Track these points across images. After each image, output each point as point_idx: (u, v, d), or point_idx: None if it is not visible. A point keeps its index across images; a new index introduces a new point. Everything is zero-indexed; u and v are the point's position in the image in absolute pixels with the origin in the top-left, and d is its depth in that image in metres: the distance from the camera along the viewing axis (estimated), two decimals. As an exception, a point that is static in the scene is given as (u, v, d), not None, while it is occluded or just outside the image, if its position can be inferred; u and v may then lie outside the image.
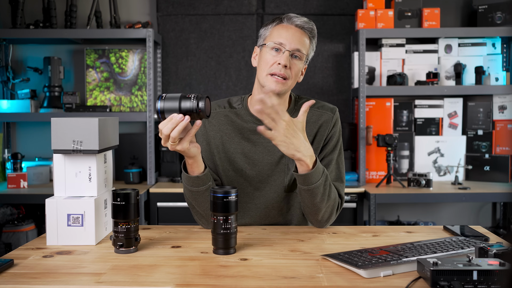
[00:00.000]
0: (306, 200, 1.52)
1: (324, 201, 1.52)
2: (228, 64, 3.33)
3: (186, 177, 1.49)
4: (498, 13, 3.05)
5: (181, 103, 1.34)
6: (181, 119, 1.33)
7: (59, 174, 1.43)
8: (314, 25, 1.60)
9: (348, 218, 2.84)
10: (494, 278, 1.02)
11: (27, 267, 1.21)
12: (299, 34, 1.56)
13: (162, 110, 1.35)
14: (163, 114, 1.36)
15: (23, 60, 3.32)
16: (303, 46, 1.56)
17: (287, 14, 1.60)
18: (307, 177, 1.46)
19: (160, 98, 1.36)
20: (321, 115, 1.64)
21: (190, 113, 1.34)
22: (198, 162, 1.46)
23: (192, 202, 1.54)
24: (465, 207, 3.36)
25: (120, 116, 2.97)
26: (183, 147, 1.38)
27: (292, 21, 1.56)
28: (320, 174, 1.48)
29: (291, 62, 1.54)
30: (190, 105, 1.34)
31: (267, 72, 1.55)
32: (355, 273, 1.14)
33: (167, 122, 1.34)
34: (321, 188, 1.48)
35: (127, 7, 3.33)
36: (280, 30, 1.56)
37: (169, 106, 1.35)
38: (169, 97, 1.36)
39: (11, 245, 2.88)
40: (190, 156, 1.43)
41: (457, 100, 3.20)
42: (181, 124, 1.33)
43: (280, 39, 1.54)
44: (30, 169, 3.02)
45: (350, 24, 3.32)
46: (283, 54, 1.53)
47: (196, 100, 1.34)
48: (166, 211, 2.84)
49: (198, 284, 1.10)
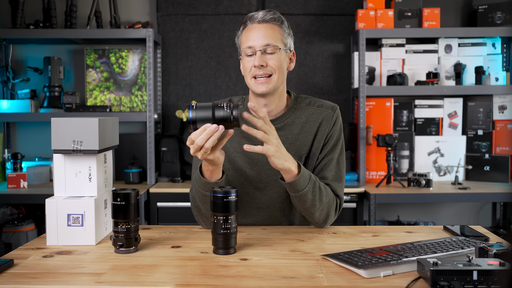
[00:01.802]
0: (298, 205, 1.53)
1: (316, 206, 1.51)
2: (228, 64, 3.33)
3: (204, 183, 1.45)
4: (498, 13, 3.05)
5: (214, 113, 1.31)
6: (216, 129, 1.30)
7: (59, 174, 1.43)
8: (276, 12, 1.58)
9: (348, 218, 2.84)
10: (494, 278, 1.02)
11: (27, 267, 1.21)
12: (263, 28, 1.54)
13: (194, 120, 1.32)
14: (195, 125, 1.32)
15: (23, 60, 3.32)
16: (271, 38, 1.54)
17: (248, 14, 1.58)
18: (293, 185, 1.45)
19: (191, 108, 1.32)
20: (321, 113, 1.64)
21: (223, 122, 1.32)
22: (219, 169, 1.44)
23: (200, 205, 1.52)
24: (465, 207, 3.36)
25: (120, 116, 2.97)
26: (215, 156, 1.37)
27: (254, 19, 1.55)
28: (307, 181, 1.47)
29: (266, 58, 1.53)
30: (224, 114, 1.31)
31: (250, 77, 1.55)
32: (355, 273, 1.14)
33: (200, 132, 1.31)
34: (310, 194, 1.48)
35: (127, 7, 3.33)
36: (246, 34, 1.56)
37: (202, 115, 1.31)
38: (200, 106, 1.32)
39: (11, 245, 2.88)
40: (217, 164, 1.41)
41: (457, 100, 3.20)
42: (216, 134, 1.31)
43: (248, 43, 1.54)
44: (30, 169, 3.02)
45: (350, 24, 3.32)
46: (256, 55, 1.53)
47: (229, 109, 1.32)
48: (166, 211, 2.84)
49: (198, 284, 1.10)
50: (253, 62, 1.53)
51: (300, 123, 1.62)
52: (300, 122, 1.62)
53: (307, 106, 1.65)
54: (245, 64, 1.56)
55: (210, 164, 1.41)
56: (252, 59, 1.54)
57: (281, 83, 1.58)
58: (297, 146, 1.61)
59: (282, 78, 1.57)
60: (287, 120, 1.62)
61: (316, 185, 1.50)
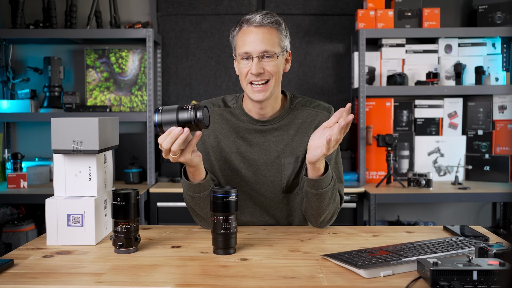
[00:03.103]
0: (313, 203, 1.52)
1: (330, 205, 1.53)
2: (228, 64, 3.33)
3: (187, 184, 1.47)
4: (498, 13, 3.05)
5: (178, 115, 1.31)
6: (180, 132, 1.30)
7: (59, 174, 1.43)
8: (274, 15, 1.54)
9: (348, 218, 2.84)
10: (494, 278, 1.02)
11: (27, 267, 1.21)
12: (261, 33, 1.50)
13: (160, 123, 1.32)
14: (161, 128, 1.33)
15: (23, 60, 3.32)
16: (269, 44, 1.50)
17: (245, 16, 1.54)
18: (319, 182, 1.46)
19: (157, 112, 1.33)
20: (317, 114, 1.63)
21: (188, 124, 1.32)
22: (199, 170, 1.45)
23: (193, 206, 1.54)
24: (465, 207, 3.36)
25: (120, 116, 2.97)
26: (186, 159, 1.37)
27: (251, 22, 1.51)
28: (330, 179, 1.48)
29: (264, 64, 1.51)
30: (188, 116, 1.31)
31: (246, 82, 1.53)
32: (355, 273, 1.14)
33: (166, 136, 1.32)
34: (330, 192, 1.49)
35: (127, 7, 3.33)
36: (243, 37, 1.52)
37: (167, 119, 1.32)
38: (166, 109, 1.32)
39: (11, 245, 2.87)
40: (192, 165, 1.42)
41: (457, 100, 3.19)
42: (181, 137, 1.31)
43: (245, 47, 1.51)
44: (30, 169, 3.02)
45: (350, 24, 3.32)
46: (253, 62, 1.50)
47: (193, 110, 1.31)
48: (166, 211, 2.84)
49: (198, 284, 1.10)
50: (249, 67, 1.51)
51: (297, 124, 1.62)
52: (296, 123, 1.62)
53: (303, 107, 1.64)
54: (241, 69, 1.54)
55: (189, 166, 1.42)
56: (249, 64, 1.52)
57: (277, 87, 1.57)
58: (293, 147, 1.61)
59: (278, 82, 1.56)
60: (283, 120, 1.62)
61: (336, 184, 1.53)
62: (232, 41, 1.60)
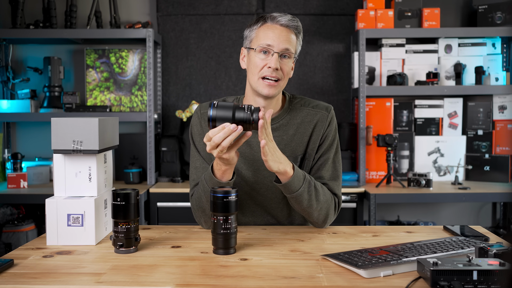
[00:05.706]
0: (295, 206, 1.53)
1: (313, 206, 1.51)
2: (228, 64, 3.33)
3: (215, 182, 1.45)
4: (498, 13, 3.05)
5: (235, 113, 1.33)
6: (234, 129, 1.31)
7: (59, 174, 1.43)
8: (298, 20, 1.58)
9: (348, 218, 2.84)
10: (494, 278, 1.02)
11: (27, 267, 1.21)
12: (285, 33, 1.54)
13: (214, 118, 1.33)
14: (214, 122, 1.34)
15: (23, 60, 3.32)
16: (290, 44, 1.54)
17: (269, 13, 1.57)
18: (288, 186, 1.46)
19: (212, 106, 1.33)
20: (315, 114, 1.64)
21: (242, 123, 1.33)
22: (232, 169, 1.45)
23: (205, 205, 1.51)
24: (465, 207, 3.36)
25: (120, 116, 2.97)
26: (230, 156, 1.37)
27: (277, 21, 1.54)
28: (301, 181, 1.47)
29: (281, 62, 1.53)
30: (244, 115, 1.33)
31: (258, 76, 1.53)
32: (355, 273, 1.14)
33: (218, 130, 1.32)
34: (305, 194, 1.48)
35: (127, 7, 3.33)
36: (266, 31, 1.54)
37: (222, 114, 1.33)
38: (221, 105, 1.34)
39: (11, 245, 2.88)
40: (230, 164, 1.41)
41: (457, 100, 3.20)
42: (234, 134, 1.32)
43: (267, 40, 1.52)
44: (30, 169, 3.02)
45: (350, 24, 3.32)
46: (272, 56, 1.51)
47: (250, 111, 1.33)
48: (166, 211, 2.84)
49: (198, 284, 1.10)
50: (266, 62, 1.52)
51: (295, 124, 1.62)
52: (295, 123, 1.62)
53: (302, 107, 1.65)
54: (257, 61, 1.53)
55: (224, 164, 1.41)
56: (267, 59, 1.52)
57: (283, 88, 1.59)
58: (293, 147, 1.61)
59: (285, 84, 1.59)
60: (282, 121, 1.62)
61: (312, 184, 1.50)
62: (250, 34, 1.59)
